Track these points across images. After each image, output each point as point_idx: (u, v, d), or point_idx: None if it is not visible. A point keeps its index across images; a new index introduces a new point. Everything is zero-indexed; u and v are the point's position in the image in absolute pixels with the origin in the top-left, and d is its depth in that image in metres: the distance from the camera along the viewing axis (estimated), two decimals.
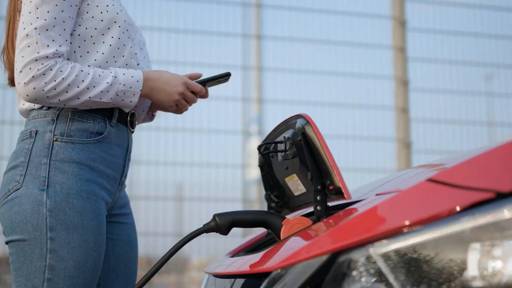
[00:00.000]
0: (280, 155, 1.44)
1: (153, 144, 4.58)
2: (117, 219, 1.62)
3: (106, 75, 1.47)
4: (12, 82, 1.57)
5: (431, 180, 0.98)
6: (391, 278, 0.88)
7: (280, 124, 1.46)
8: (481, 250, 0.85)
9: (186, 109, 1.64)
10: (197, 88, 1.60)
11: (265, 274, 1.06)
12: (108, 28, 1.51)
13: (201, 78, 1.68)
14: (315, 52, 4.92)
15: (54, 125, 1.47)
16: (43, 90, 1.40)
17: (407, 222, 0.90)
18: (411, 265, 0.88)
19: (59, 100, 1.42)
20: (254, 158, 5.50)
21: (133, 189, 4.54)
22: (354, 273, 0.91)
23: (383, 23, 4.91)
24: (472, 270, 0.85)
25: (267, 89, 5.20)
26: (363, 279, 0.90)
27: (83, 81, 1.43)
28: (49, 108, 1.49)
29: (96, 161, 1.48)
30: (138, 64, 1.60)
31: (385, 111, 4.79)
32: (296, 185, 1.44)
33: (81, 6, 1.49)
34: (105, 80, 1.46)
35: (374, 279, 0.89)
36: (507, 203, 0.87)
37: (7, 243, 1.45)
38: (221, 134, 4.63)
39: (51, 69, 1.40)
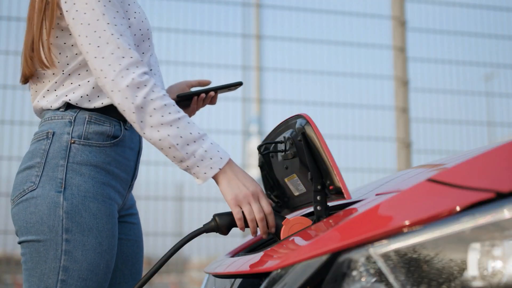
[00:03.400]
0: (280, 155, 1.44)
1: None
2: (125, 219, 1.62)
3: (194, 127, 1.39)
4: (26, 80, 1.55)
5: (431, 180, 0.98)
6: (391, 278, 0.88)
7: (280, 124, 1.46)
8: (481, 250, 0.85)
9: (241, 222, 1.40)
10: (265, 207, 1.39)
11: (265, 274, 1.06)
12: (134, 35, 1.51)
13: (215, 85, 1.69)
14: (315, 52, 4.92)
15: (72, 127, 1.46)
16: (144, 98, 1.36)
17: (407, 222, 0.90)
18: (411, 265, 0.88)
19: (146, 117, 1.36)
20: (254, 158, 5.50)
21: (133, 189, 4.54)
22: (354, 273, 0.91)
23: (383, 23, 4.91)
24: (472, 270, 0.85)
25: (267, 89, 5.20)
26: (363, 279, 0.90)
27: (170, 113, 1.38)
28: (66, 109, 1.48)
29: (111, 164, 1.48)
30: (151, 70, 1.59)
31: (385, 111, 4.79)
32: (296, 185, 1.44)
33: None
34: (192, 130, 1.39)
35: (374, 279, 0.89)
36: (507, 203, 0.87)
37: (20, 243, 1.45)
38: (221, 134, 4.63)
39: (148, 81, 1.38)
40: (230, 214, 1.39)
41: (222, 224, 1.38)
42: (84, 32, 1.40)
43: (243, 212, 1.38)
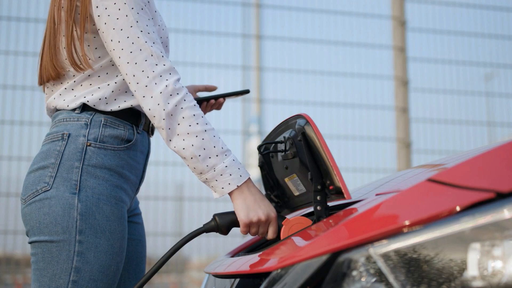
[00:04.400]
0: (280, 155, 1.44)
1: (153, 144, 4.58)
2: (130, 219, 1.64)
3: (219, 141, 1.40)
4: (47, 81, 1.55)
5: (431, 180, 0.98)
6: (391, 278, 0.88)
7: (280, 124, 1.46)
8: (481, 250, 0.85)
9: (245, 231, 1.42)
10: (270, 234, 1.41)
11: (265, 274, 1.06)
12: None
13: (223, 92, 1.71)
14: (315, 52, 4.92)
15: (88, 129, 1.47)
16: (176, 106, 1.37)
17: (407, 222, 0.90)
18: (411, 265, 0.88)
19: (176, 122, 1.37)
20: (254, 158, 5.50)
21: None
22: (354, 273, 0.91)
23: (383, 23, 4.91)
24: (472, 270, 0.85)
25: (267, 89, 5.20)
26: (363, 279, 0.90)
27: (197, 124, 1.38)
28: (81, 111, 1.49)
29: (124, 167, 1.50)
30: None
31: (385, 111, 4.79)
32: (296, 185, 1.44)
33: None
34: (216, 144, 1.39)
35: (374, 279, 0.89)
36: (507, 203, 0.87)
37: (30, 243, 1.46)
38: (221, 134, 4.61)
39: (181, 89, 1.39)
40: (230, 214, 1.39)
41: (222, 224, 1.38)
42: (117, 37, 1.40)
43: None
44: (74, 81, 1.50)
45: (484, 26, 5.16)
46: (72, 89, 1.50)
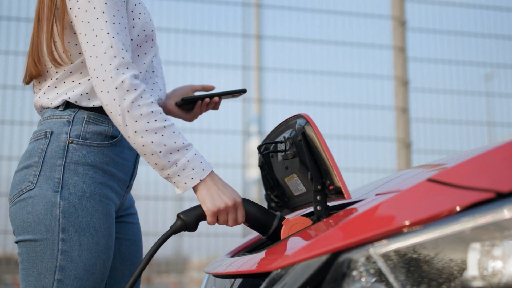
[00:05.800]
0: (280, 155, 1.44)
1: None
2: (124, 219, 1.63)
3: (179, 137, 1.38)
4: (30, 80, 1.55)
5: (431, 180, 0.98)
6: (391, 278, 0.88)
7: (280, 124, 1.46)
8: (481, 250, 0.85)
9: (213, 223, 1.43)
10: (240, 218, 1.41)
11: (265, 274, 1.06)
12: (138, 35, 1.51)
13: (219, 91, 1.71)
14: (315, 52, 4.92)
15: (70, 127, 1.46)
16: (132, 102, 1.35)
17: (407, 222, 0.90)
18: (411, 265, 0.88)
19: (130, 117, 1.35)
20: (254, 158, 5.50)
21: (133, 189, 4.54)
22: (354, 273, 0.91)
23: (383, 23, 4.91)
24: (472, 270, 0.85)
25: (267, 89, 5.20)
26: (363, 279, 0.90)
27: (155, 120, 1.36)
28: (65, 109, 1.49)
29: (109, 164, 1.49)
30: (153, 72, 1.59)
31: (385, 111, 4.79)
32: (296, 185, 1.44)
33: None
34: (176, 139, 1.37)
35: (374, 279, 0.89)
36: (507, 203, 0.87)
37: (17, 242, 1.45)
38: (221, 134, 4.63)
39: (138, 86, 1.36)
40: (195, 209, 1.38)
41: (189, 220, 1.38)
42: (84, 30, 1.39)
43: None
44: (57, 79, 1.50)
45: (484, 26, 5.16)
46: (55, 87, 1.50)
